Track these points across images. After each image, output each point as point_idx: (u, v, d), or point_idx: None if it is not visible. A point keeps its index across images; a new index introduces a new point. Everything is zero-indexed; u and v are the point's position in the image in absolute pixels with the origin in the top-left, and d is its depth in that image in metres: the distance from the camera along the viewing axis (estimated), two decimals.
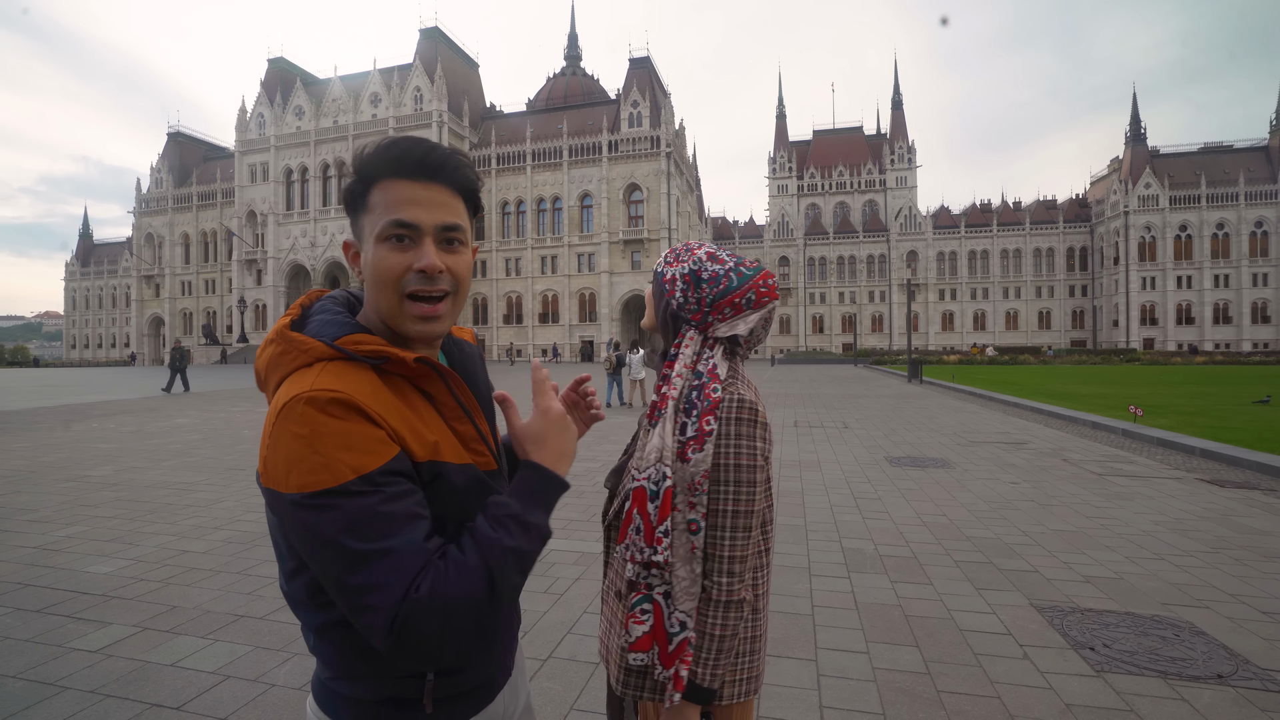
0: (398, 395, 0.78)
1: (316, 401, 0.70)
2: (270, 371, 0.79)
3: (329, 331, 0.78)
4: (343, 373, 0.74)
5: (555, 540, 4.35)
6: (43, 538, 4.43)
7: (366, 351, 0.76)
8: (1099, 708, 2.29)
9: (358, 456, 0.69)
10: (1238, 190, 65.62)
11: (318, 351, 0.76)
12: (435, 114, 53.97)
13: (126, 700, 2.35)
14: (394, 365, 0.78)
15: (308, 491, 0.68)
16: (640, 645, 1.04)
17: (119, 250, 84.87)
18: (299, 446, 0.69)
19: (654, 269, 1.18)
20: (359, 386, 0.74)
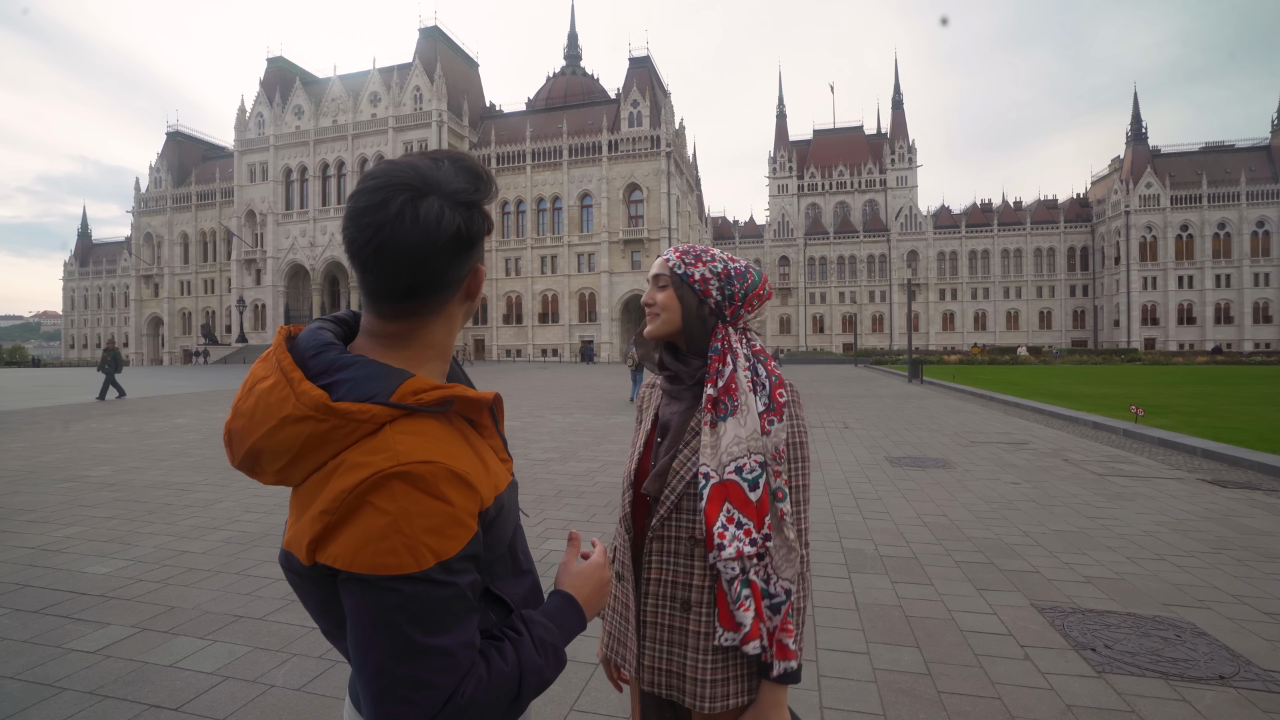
0: (459, 433, 0.74)
1: (411, 476, 0.65)
2: (312, 451, 0.69)
3: (375, 389, 0.70)
4: (418, 432, 0.69)
5: (555, 540, 4.35)
6: (41, 538, 4.42)
7: (433, 400, 0.70)
8: (1100, 708, 2.28)
9: (443, 541, 0.66)
10: (1239, 190, 65.59)
11: (383, 417, 0.68)
12: (435, 113, 53.93)
13: (125, 701, 2.34)
14: (460, 406, 0.74)
15: (379, 574, 0.64)
16: (754, 633, 1.05)
17: (118, 250, 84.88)
18: (381, 523, 0.64)
19: (670, 272, 1.15)
20: (445, 448, 0.70)
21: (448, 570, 0.66)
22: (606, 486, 6.01)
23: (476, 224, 0.75)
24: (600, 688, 2.43)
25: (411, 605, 0.65)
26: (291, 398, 0.68)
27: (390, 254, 0.71)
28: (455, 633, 0.67)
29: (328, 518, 0.66)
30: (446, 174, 0.74)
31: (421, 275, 0.73)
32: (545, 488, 5.97)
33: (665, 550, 1.11)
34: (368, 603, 0.65)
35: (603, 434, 9.69)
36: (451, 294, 0.77)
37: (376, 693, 0.66)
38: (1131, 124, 71.57)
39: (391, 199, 0.70)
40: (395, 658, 0.65)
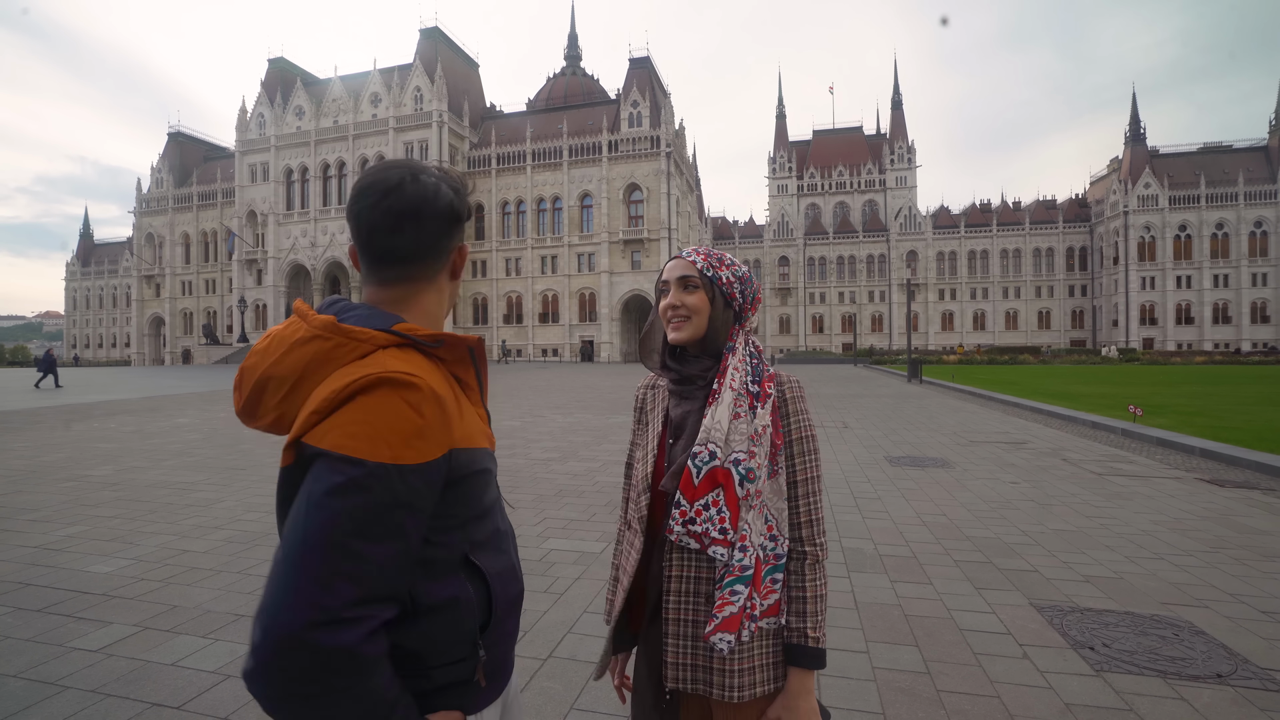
0: (448, 381, 0.83)
1: (395, 383, 0.72)
2: (314, 370, 0.77)
3: (379, 322, 0.80)
4: (408, 360, 0.77)
5: (555, 540, 4.36)
6: (43, 537, 4.43)
7: (425, 336, 0.80)
8: (1099, 707, 2.29)
9: (403, 448, 0.71)
10: (1237, 190, 65.62)
11: (380, 340, 0.78)
12: (435, 114, 53.93)
13: (127, 700, 2.35)
14: (445, 349, 0.83)
15: (335, 451, 0.69)
16: (774, 609, 1.10)
17: (119, 250, 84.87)
18: (356, 413, 0.70)
19: (700, 274, 1.16)
20: (431, 377, 0.77)
21: (400, 475, 0.69)
22: (607, 486, 6.02)
23: (464, 203, 0.88)
24: (600, 687, 2.43)
25: (350, 494, 0.67)
26: (303, 325, 0.79)
27: (395, 215, 0.82)
28: (379, 546, 0.68)
29: (316, 416, 0.71)
30: (434, 170, 0.88)
31: (421, 236, 0.84)
32: (545, 487, 5.97)
33: (684, 548, 1.12)
34: (317, 479, 0.68)
35: (603, 434, 9.70)
36: (442, 263, 0.89)
37: (274, 576, 0.65)
38: (1130, 124, 71.61)
39: (392, 174, 0.84)
40: (311, 543, 0.65)
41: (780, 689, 1.10)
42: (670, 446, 1.18)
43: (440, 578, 0.78)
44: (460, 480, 0.78)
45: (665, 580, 1.13)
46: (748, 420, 1.10)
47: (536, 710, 2.29)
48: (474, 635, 0.81)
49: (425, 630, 0.77)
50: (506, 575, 0.87)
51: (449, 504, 0.78)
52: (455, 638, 0.79)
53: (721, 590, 1.06)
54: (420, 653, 0.77)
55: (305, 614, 0.63)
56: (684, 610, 1.11)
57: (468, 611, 0.80)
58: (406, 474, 0.70)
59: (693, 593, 1.10)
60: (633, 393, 1.34)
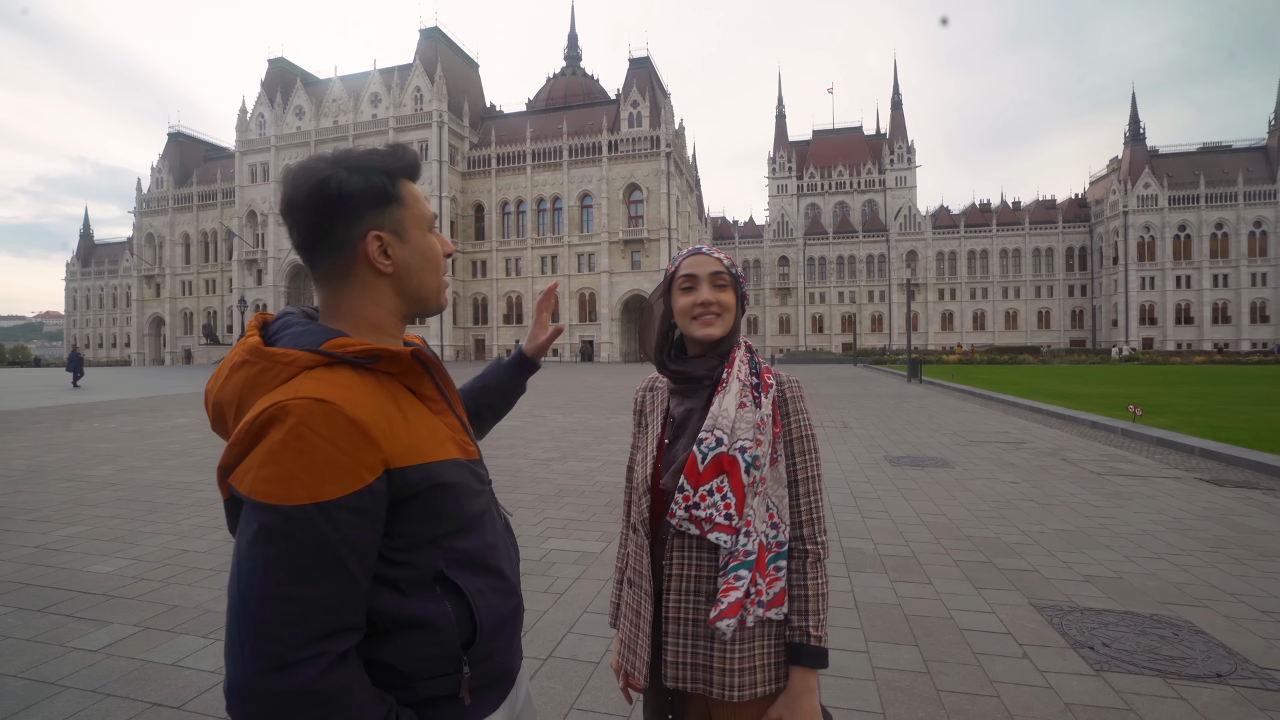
0: (386, 393, 0.77)
1: (299, 410, 0.67)
2: (246, 396, 0.73)
3: (308, 340, 0.76)
4: (331, 379, 0.72)
5: (555, 540, 4.36)
6: (44, 537, 4.43)
7: (356, 352, 0.75)
8: (1098, 707, 2.29)
9: (319, 482, 0.67)
10: (1236, 190, 65.67)
11: (304, 362, 0.73)
12: (435, 114, 53.96)
13: (127, 700, 2.35)
14: (385, 363, 0.77)
15: (255, 499, 0.66)
16: (779, 598, 1.10)
17: (119, 250, 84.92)
18: (264, 451, 0.67)
19: (728, 271, 1.17)
20: (351, 394, 0.72)
21: (323, 513, 0.66)
22: (607, 486, 6.02)
23: (350, 183, 0.78)
24: (600, 687, 2.44)
25: (272, 542, 0.65)
26: (241, 349, 0.76)
27: (288, 211, 0.80)
28: (315, 588, 0.66)
29: (236, 449, 0.70)
30: (333, 155, 0.82)
31: (309, 230, 0.80)
32: (546, 487, 5.97)
33: (687, 545, 1.11)
34: (242, 530, 0.68)
35: (603, 433, 9.70)
36: (347, 257, 0.81)
37: (227, 626, 0.67)
38: (1130, 124, 71.69)
39: (294, 169, 0.82)
40: (246, 596, 0.65)
41: (781, 689, 1.09)
42: (668, 446, 1.17)
43: (413, 595, 0.76)
44: (412, 498, 0.74)
45: (665, 579, 1.12)
46: (752, 410, 1.11)
47: (537, 710, 2.28)
48: (455, 652, 0.78)
49: (402, 647, 0.75)
50: (494, 592, 0.83)
51: (404, 523, 0.75)
52: (435, 654, 0.77)
53: (725, 575, 1.06)
54: (399, 668, 0.75)
55: (254, 663, 0.64)
56: (684, 609, 1.11)
57: (446, 630, 0.77)
58: (330, 510, 0.67)
59: (692, 591, 1.10)
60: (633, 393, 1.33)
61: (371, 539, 0.71)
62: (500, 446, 8.41)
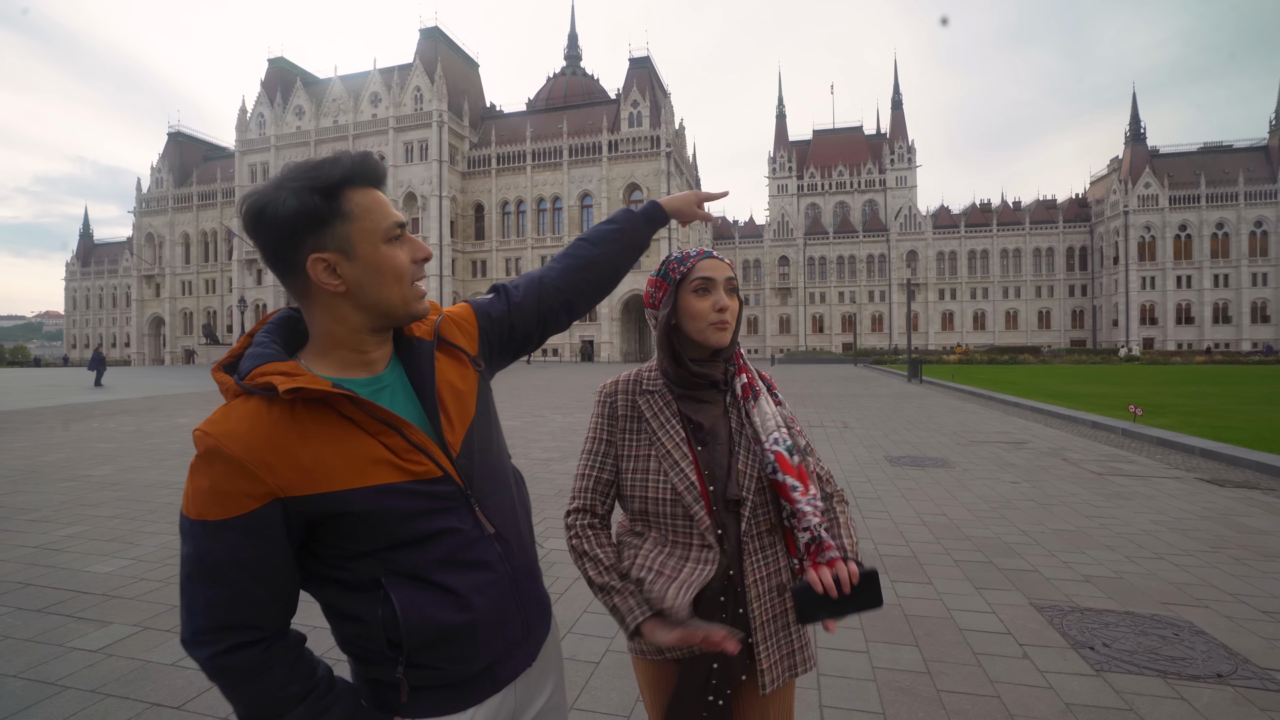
0: (291, 422, 0.77)
1: (196, 440, 0.77)
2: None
3: (246, 366, 0.80)
4: (235, 410, 0.78)
5: (555, 540, 4.36)
6: (43, 537, 4.43)
7: (258, 385, 0.78)
8: (1099, 707, 2.29)
9: (202, 504, 0.75)
10: (1237, 190, 65.66)
11: (231, 391, 0.81)
12: (435, 114, 53.96)
13: (127, 700, 2.35)
14: (292, 394, 0.76)
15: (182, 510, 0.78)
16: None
17: (119, 250, 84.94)
18: (190, 469, 0.78)
19: (731, 278, 1.20)
20: (239, 427, 0.76)
21: (208, 531, 0.75)
22: None
23: (285, 206, 0.77)
24: (600, 686, 2.44)
25: (183, 543, 0.77)
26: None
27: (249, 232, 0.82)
28: (209, 589, 0.76)
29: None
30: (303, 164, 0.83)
31: (264, 258, 0.83)
32: (545, 487, 5.97)
33: (756, 548, 1.13)
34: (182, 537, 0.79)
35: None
36: (301, 279, 0.81)
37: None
38: (1130, 124, 71.67)
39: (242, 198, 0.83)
40: (181, 579, 0.78)
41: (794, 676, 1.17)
42: (699, 453, 1.14)
43: (356, 593, 0.84)
44: (324, 522, 0.80)
45: (749, 587, 1.11)
46: (784, 407, 1.23)
47: None
48: (382, 649, 0.83)
49: (344, 632, 0.87)
50: (434, 605, 0.83)
51: (329, 539, 0.81)
52: (369, 646, 0.85)
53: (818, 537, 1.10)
54: (359, 648, 0.86)
55: (182, 631, 0.78)
56: (765, 609, 1.13)
57: (372, 630, 0.83)
58: (213, 529, 0.75)
59: (770, 589, 1.14)
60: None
61: (268, 555, 0.78)
62: None
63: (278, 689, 0.79)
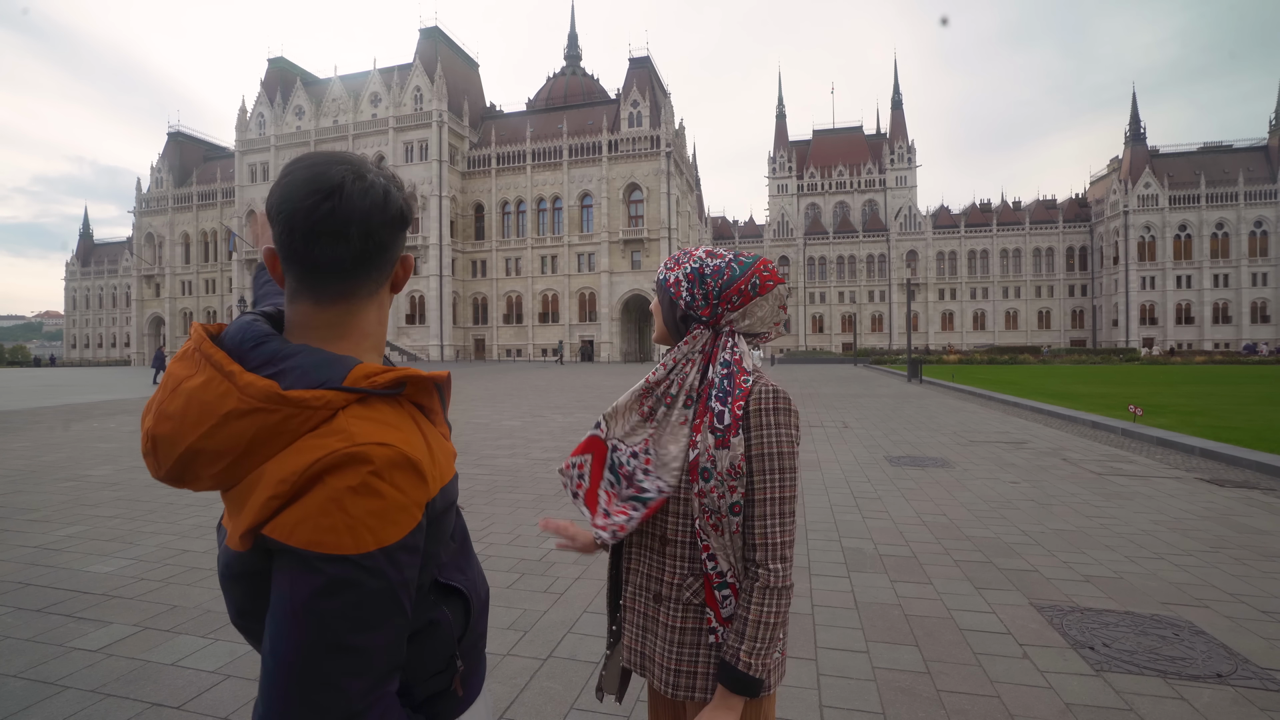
0: (412, 419, 0.74)
1: (364, 458, 0.64)
2: (262, 444, 0.65)
3: (326, 374, 0.69)
4: (373, 417, 0.68)
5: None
6: (43, 537, 4.43)
7: (385, 383, 0.70)
8: (1099, 707, 2.29)
9: (386, 526, 0.64)
10: (1237, 190, 65.67)
11: (338, 402, 0.67)
12: (435, 114, 53.90)
13: (127, 700, 2.35)
14: (413, 388, 0.73)
15: (313, 550, 0.62)
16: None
17: (119, 250, 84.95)
18: (324, 499, 0.62)
19: (656, 279, 1.20)
20: (400, 434, 0.68)
21: (388, 558, 0.64)
22: None
23: (410, 206, 0.79)
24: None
25: (340, 593, 0.61)
26: (234, 392, 0.65)
27: (342, 220, 0.70)
28: (380, 634, 0.64)
29: (276, 501, 0.63)
30: (374, 166, 0.77)
31: (369, 245, 0.73)
32: (546, 487, 5.97)
33: (641, 545, 1.17)
34: (296, 583, 0.61)
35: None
36: (387, 275, 0.78)
37: (273, 688, 0.61)
38: (1130, 124, 71.68)
39: (334, 170, 0.71)
40: (308, 650, 0.60)
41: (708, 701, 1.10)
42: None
43: (416, 609, 0.75)
44: (434, 522, 0.74)
45: (626, 571, 1.21)
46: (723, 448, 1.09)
47: (536, 710, 2.29)
48: (452, 650, 0.80)
49: (412, 650, 0.75)
50: (475, 582, 0.86)
51: (425, 548, 0.75)
52: (433, 656, 0.78)
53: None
54: (412, 670, 0.75)
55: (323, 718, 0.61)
56: (637, 602, 1.18)
57: (446, 630, 0.78)
58: (394, 554, 0.65)
59: (643, 588, 1.17)
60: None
61: (418, 573, 0.70)
62: (500, 446, 8.42)
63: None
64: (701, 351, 1.13)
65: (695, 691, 1.09)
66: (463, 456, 7.64)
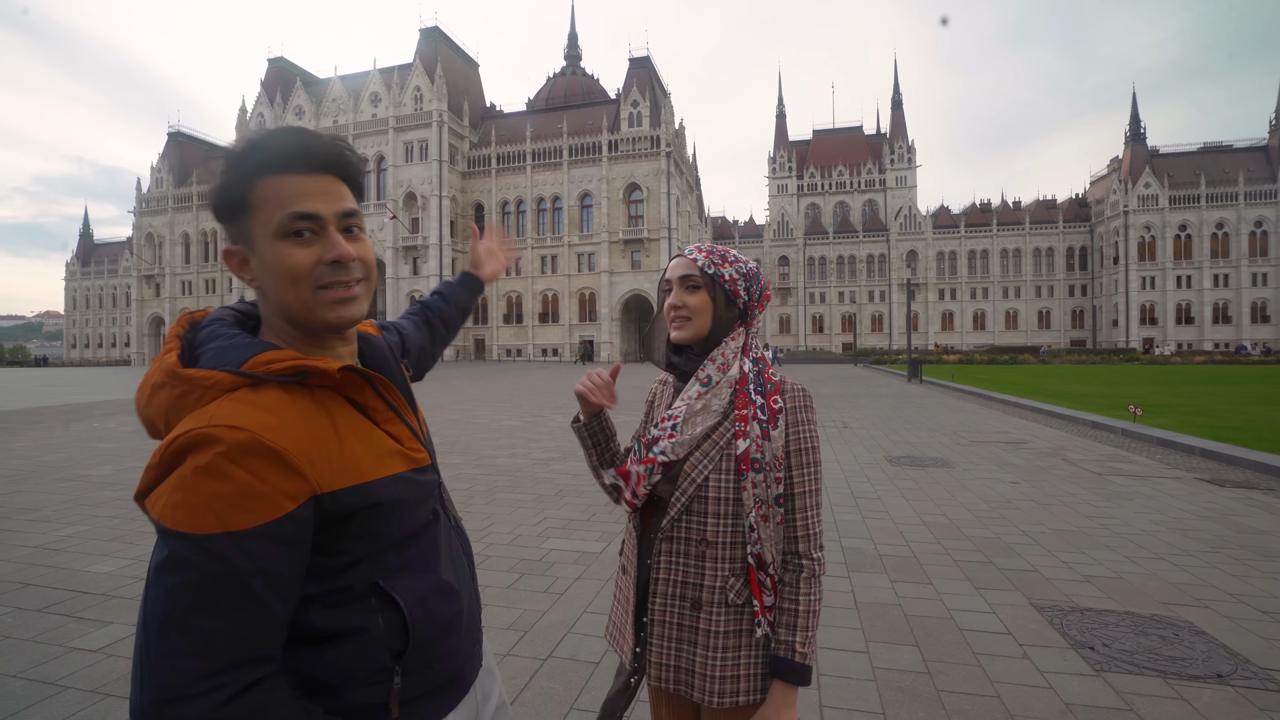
0: (319, 411, 0.73)
1: (213, 439, 0.64)
2: (171, 417, 0.70)
3: (232, 358, 0.71)
4: (253, 401, 0.68)
5: (555, 539, 4.36)
6: (43, 537, 4.43)
7: (281, 370, 0.70)
8: (1099, 707, 2.29)
9: (234, 511, 0.64)
10: (1237, 190, 65.66)
11: (226, 384, 0.69)
12: (435, 114, 53.93)
13: (127, 700, 2.35)
14: (316, 378, 0.72)
15: (166, 526, 0.64)
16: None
17: (119, 250, 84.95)
18: (178, 479, 0.65)
19: (701, 272, 1.14)
20: (273, 419, 0.68)
21: (235, 543, 0.63)
22: None
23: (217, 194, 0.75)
24: (600, 687, 2.43)
25: (178, 570, 0.63)
26: (159, 369, 0.72)
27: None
28: (223, 619, 0.63)
29: (151, 472, 0.67)
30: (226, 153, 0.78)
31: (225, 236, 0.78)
32: (546, 487, 5.97)
33: (675, 551, 1.11)
34: (155, 550, 0.65)
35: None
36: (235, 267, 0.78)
37: (135, 653, 0.64)
38: (1130, 124, 71.67)
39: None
40: (148, 620, 0.63)
41: (763, 700, 1.08)
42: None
43: (343, 606, 0.74)
44: (346, 518, 0.72)
45: (653, 582, 1.12)
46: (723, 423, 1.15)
47: (536, 710, 2.29)
48: (385, 662, 0.75)
49: (328, 658, 0.73)
50: (432, 597, 0.81)
51: (337, 542, 0.72)
52: (364, 665, 0.74)
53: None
54: (325, 680, 0.73)
55: (151, 694, 0.61)
56: (669, 613, 1.11)
57: (376, 640, 0.74)
58: (243, 540, 0.64)
59: (679, 596, 1.10)
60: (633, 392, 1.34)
61: (293, 566, 0.68)
62: (500, 446, 8.42)
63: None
64: (743, 348, 1.17)
65: (740, 695, 1.08)
66: (463, 456, 7.64)
